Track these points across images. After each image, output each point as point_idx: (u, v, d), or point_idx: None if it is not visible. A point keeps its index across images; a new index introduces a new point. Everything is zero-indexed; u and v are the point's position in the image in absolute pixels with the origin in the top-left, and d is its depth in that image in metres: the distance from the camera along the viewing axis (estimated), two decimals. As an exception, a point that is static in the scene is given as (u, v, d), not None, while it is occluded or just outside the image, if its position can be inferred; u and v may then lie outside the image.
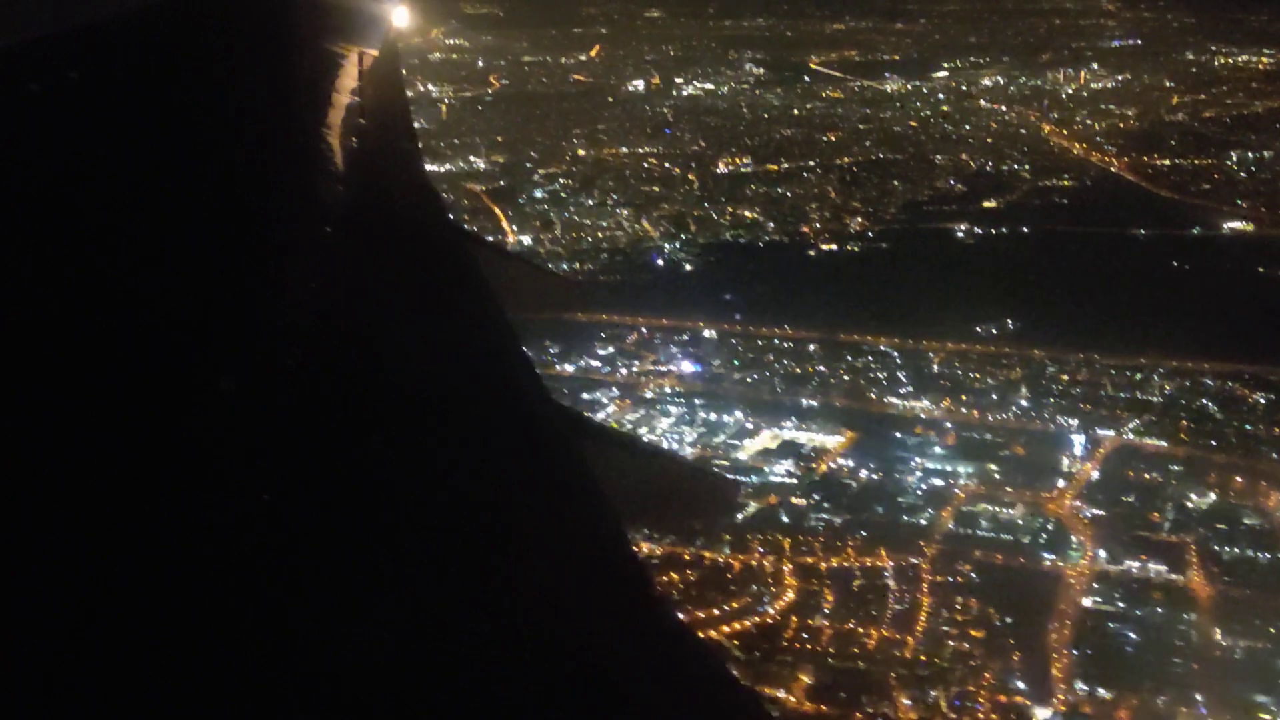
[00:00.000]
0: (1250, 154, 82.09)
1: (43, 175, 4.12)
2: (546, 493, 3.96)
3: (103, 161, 4.38)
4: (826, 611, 32.66)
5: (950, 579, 34.27)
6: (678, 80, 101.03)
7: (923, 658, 31.00)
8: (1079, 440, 42.79)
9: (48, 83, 4.94)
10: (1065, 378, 48.01)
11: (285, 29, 7.43)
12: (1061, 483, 40.21)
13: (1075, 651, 31.56)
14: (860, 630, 31.92)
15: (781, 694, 29.34)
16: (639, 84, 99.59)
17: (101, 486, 2.61)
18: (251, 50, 6.76)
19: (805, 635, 31.70)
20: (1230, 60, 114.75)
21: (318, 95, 6.05)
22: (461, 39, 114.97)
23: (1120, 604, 33.65)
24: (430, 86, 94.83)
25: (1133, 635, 32.42)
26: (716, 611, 32.40)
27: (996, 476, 40.20)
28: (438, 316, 4.83)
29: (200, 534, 2.58)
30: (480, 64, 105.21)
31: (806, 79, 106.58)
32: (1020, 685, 30.23)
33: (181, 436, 2.87)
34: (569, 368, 47.97)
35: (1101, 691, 30.07)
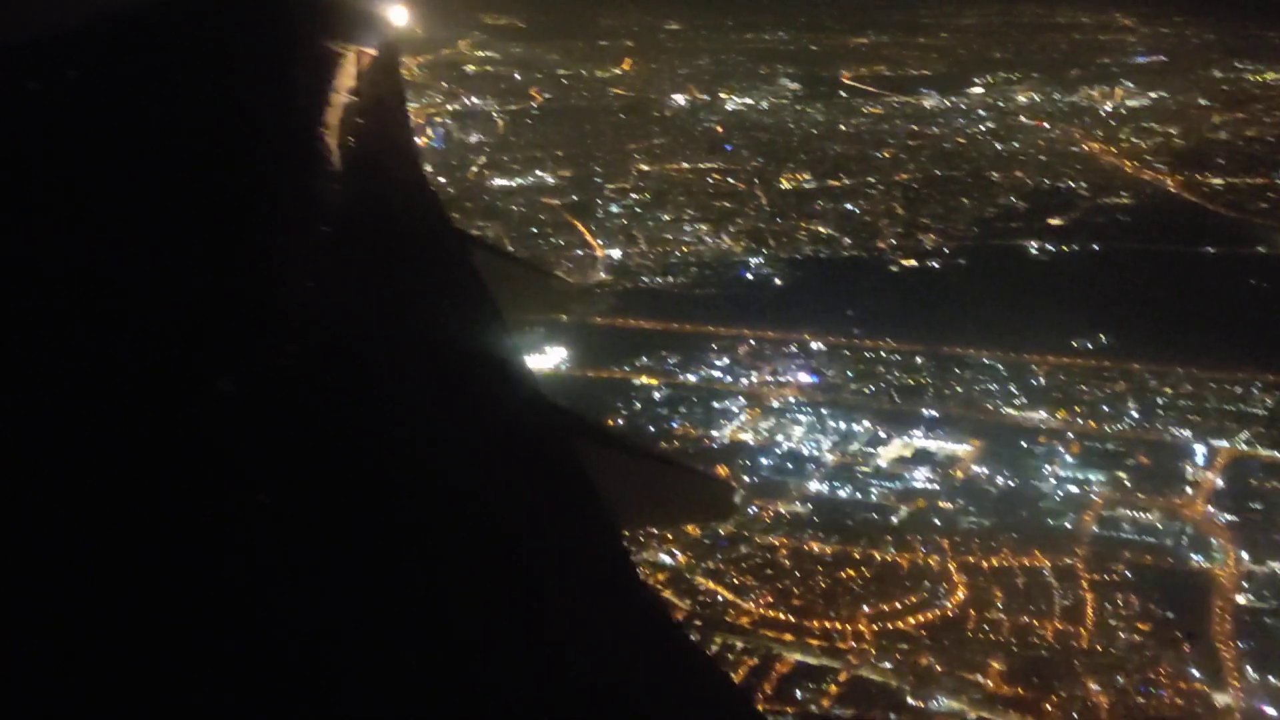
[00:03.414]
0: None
1: (41, 174, 4.30)
2: (540, 491, 4.13)
3: (101, 160, 4.56)
4: (1000, 606, 35.95)
5: (1107, 577, 37.66)
6: (720, 95, 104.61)
7: (1099, 648, 34.29)
8: (1199, 450, 46.33)
9: (47, 82, 5.12)
10: (1169, 390, 51.51)
11: (284, 28, 7.66)
12: (1189, 490, 43.70)
13: (1239, 644, 34.92)
14: (1035, 623, 35.23)
15: (979, 678, 32.64)
16: (680, 99, 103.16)
17: (101, 485, 2.70)
18: (250, 50, 7.02)
19: (986, 627, 35.00)
20: (1259, 78, 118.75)
21: (316, 95, 6.28)
22: (491, 50, 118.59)
23: (1273, 601, 37.09)
24: (475, 100, 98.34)
25: (1290, 629, 35.89)
26: (899, 605, 35.63)
27: (1128, 484, 43.70)
28: (434, 316, 5.05)
29: (198, 532, 2.67)
30: (517, 76, 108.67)
31: (843, 94, 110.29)
32: (1196, 674, 33.56)
33: (180, 435, 2.97)
34: (692, 378, 51.43)
35: (1273, 679, 33.46)
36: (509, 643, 3.02)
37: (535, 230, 68.42)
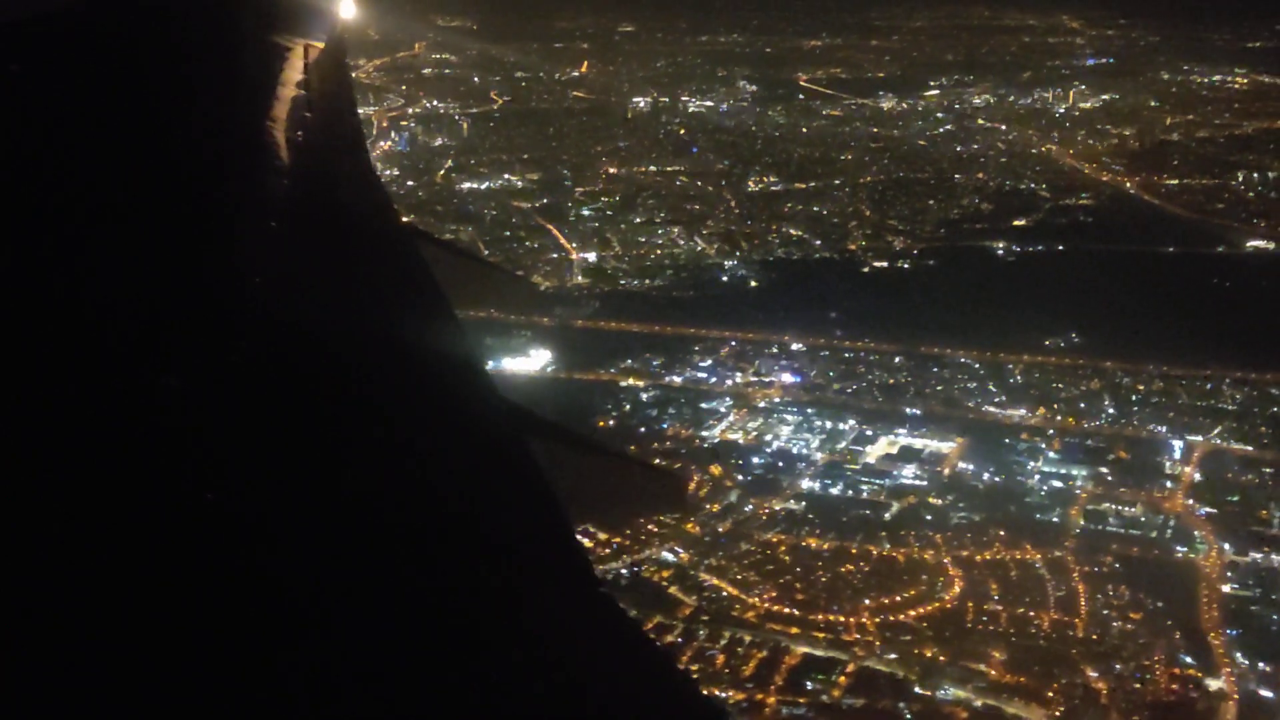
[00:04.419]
0: (1255, 174, 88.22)
1: None
2: (493, 488, 4.08)
3: (45, 155, 4.51)
4: (996, 598, 37.23)
5: (1097, 569, 39.05)
6: (680, 97, 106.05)
7: (1094, 637, 35.64)
8: (1177, 445, 48.01)
9: None
10: (1141, 388, 53.24)
11: (230, 22, 7.70)
12: (1169, 484, 45.27)
13: (1228, 631, 36.41)
14: (1032, 614, 36.54)
15: (982, 667, 33.90)
16: (640, 101, 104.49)
17: (42, 486, 2.66)
18: (196, 43, 7.02)
19: (985, 618, 36.27)
20: (1205, 80, 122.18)
21: (263, 88, 6.24)
22: (446, 53, 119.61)
23: (1257, 590, 38.64)
24: (436, 102, 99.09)
25: (1275, 617, 37.41)
26: (899, 598, 36.83)
27: (1110, 479, 45.20)
28: (383, 311, 5.01)
29: (144, 533, 2.62)
30: (476, 79, 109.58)
31: (800, 96, 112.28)
32: (1188, 660, 34.97)
33: (125, 433, 2.92)
34: (678, 379, 52.52)
35: (1262, 665, 34.97)
36: (463, 641, 2.97)
37: (508, 234, 69.51)
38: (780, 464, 45.49)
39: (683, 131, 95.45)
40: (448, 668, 2.82)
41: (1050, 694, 33.15)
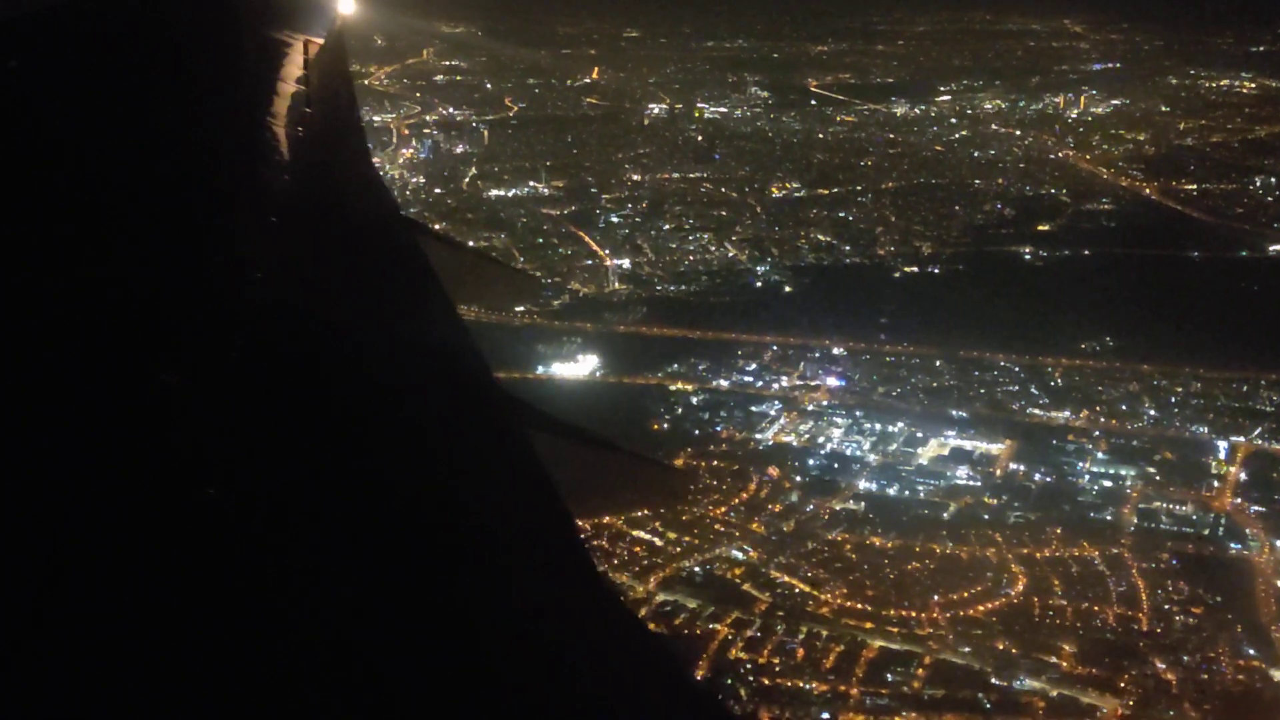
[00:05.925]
0: (1272, 179, 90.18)
1: None
2: (494, 481, 4.14)
3: (44, 151, 4.56)
4: (1059, 593, 38.85)
5: (1155, 565, 40.70)
6: (694, 103, 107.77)
7: (1158, 630, 37.26)
8: (1220, 445, 49.71)
9: None
10: (1180, 390, 54.96)
11: (230, 17, 7.75)
12: (1216, 483, 47.01)
13: (1288, 624, 38.14)
14: (1096, 608, 38.14)
15: (1053, 659, 35.48)
16: (655, 108, 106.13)
17: (40, 483, 2.68)
18: (196, 39, 7.07)
19: (1051, 612, 37.86)
20: (1214, 84, 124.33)
21: (263, 84, 6.29)
22: (456, 59, 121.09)
23: (1311, 585, 40.38)
24: (453, 109, 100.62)
25: (1332, 611, 39.16)
26: (966, 594, 38.41)
27: (1158, 479, 46.89)
28: (384, 306, 5.10)
29: (143, 530, 2.65)
30: (488, 86, 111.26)
31: (813, 102, 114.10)
32: (1252, 652, 36.59)
33: (125, 429, 2.97)
34: (725, 383, 54.07)
35: (1323, 656, 36.69)
36: (465, 634, 3.03)
37: (541, 241, 71.10)
38: (836, 465, 47.08)
39: (700, 138, 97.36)
40: (449, 660, 2.90)
41: (1122, 684, 34.71)
